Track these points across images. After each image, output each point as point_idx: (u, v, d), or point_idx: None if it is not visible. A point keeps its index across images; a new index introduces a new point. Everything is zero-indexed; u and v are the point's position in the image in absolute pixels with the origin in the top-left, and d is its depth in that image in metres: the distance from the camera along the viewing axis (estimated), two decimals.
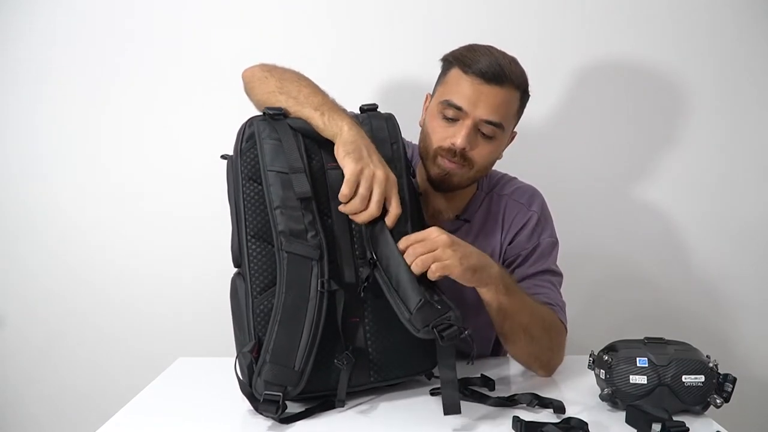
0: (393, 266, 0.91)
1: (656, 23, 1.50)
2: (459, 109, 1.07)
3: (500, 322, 1.03)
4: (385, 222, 0.93)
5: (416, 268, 0.89)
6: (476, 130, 1.08)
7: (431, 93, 1.18)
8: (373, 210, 0.92)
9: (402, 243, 0.92)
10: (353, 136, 0.94)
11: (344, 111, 1.01)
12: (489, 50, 1.10)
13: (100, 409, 1.03)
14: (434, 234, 0.92)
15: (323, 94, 1.03)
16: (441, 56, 1.15)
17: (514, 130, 1.18)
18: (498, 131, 1.10)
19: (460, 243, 0.93)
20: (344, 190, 0.91)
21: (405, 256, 0.90)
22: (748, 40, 1.51)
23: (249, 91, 1.09)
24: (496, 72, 1.06)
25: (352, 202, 0.91)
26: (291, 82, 1.04)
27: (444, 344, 0.86)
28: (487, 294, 0.99)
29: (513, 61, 1.10)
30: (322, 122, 0.97)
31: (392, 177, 0.94)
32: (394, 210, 0.93)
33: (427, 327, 0.86)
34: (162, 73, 1.52)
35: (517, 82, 1.09)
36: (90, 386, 1.58)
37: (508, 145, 1.18)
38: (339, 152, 0.94)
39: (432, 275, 0.89)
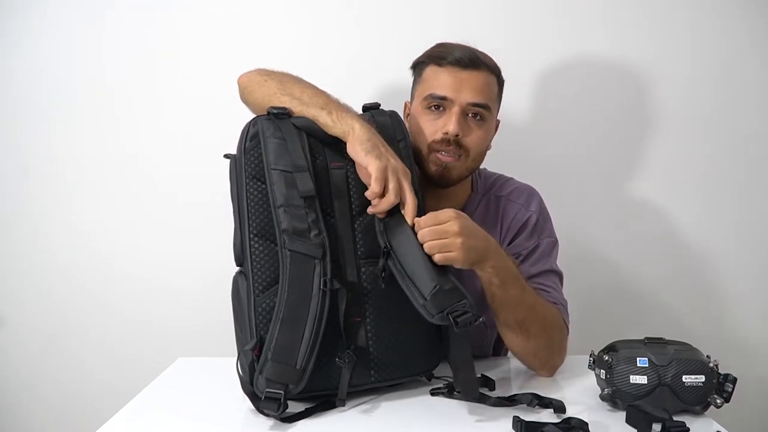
0: (408, 254, 0.92)
1: (655, 20, 1.50)
2: (444, 98, 1.09)
3: (496, 312, 1.04)
4: (400, 213, 0.95)
5: (431, 248, 0.92)
6: (465, 115, 1.10)
7: (409, 100, 1.19)
8: (391, 198, 0.93)
9: (416, 222, 0.93)
10: (367, 133, 0.96)
11: (350, 109, 1.02)
12: (457, 44, 1.13)
13: (100, 409, 1.03)
14: (446, 219, 0.93)
15: (327, 95, 1.04)
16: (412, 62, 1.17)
17: (498, 119, 1.19)
18: (486, 113, 1.11)
19: (469, 230, 0.95)
20: (374, 187, 0.93)
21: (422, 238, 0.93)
22: (747, 38, 1.51)
23: (247, 96, 1.08)
24: (471, 58, 1.09)
25: (386, 198, 0.93)
26: (292, 85, 1.05)
27: (458, 330, 0.87)
28: (482, 280, 1.01)
29: (482, 52, 1.13)
30: (331, 120, 0.98)
31: (407, 169, 0.97)
32: (410, 202, 0.94)
33: (442, 313, 0.88)
34: (164, 72, 1.51)
35: (491, 66, 1.13)
36: (90, 386, 1.58)
37: (494, 134, 1.19)
38: (356, 150, 0.95)
39: (436, 260, 0.92)
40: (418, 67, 1.16)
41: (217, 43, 1.51)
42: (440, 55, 1.10)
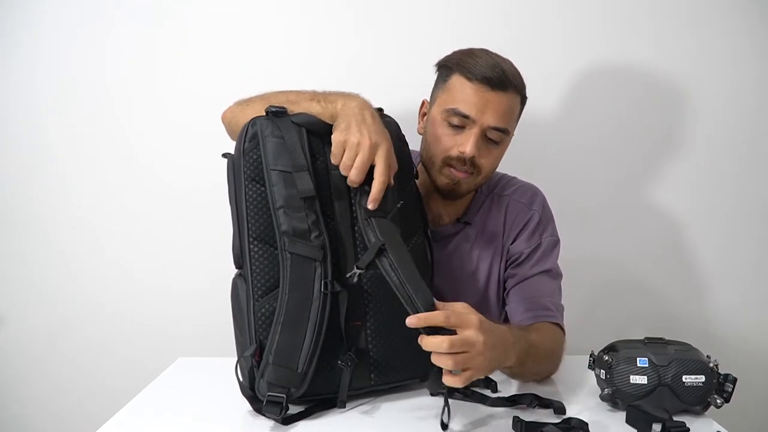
0: (403, 261, 0.86)
1: (656, 24, 1.50)
2: (466, 117, 1.07)
3: (511, 377, 1.06)
4: (386, 211, 0.92)
5: (447, 365, 0.79)
6: (483, 136, 1.08)
7: (428, 99, 1.17)
8: (353, 176, 0.91)
9: (438, 318, 0.80)
10: (345, 110, 0.96)
11: (342, 93, 1.01)
12: (487, 54, 1.09)
13: (100, 409, 1.03)
14: (469, 325, 0.81)
15: (312, 90, 1.03)
16: (436, 61, 1.15)
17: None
18: (504, 136, 1.10)
19: (489, 341, 0.82)
20: (333, 160, 0.93)
21: (437, 346, 0.79)
22: (745, 39, 1.51)
23: (234, 127, 1.05)
24: (500, 78, 1.06)
25: (349, 176, 0.92)
26: (275, 95, 1.05)
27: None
28: (500, 369, 0.99)
29: (511, 65, 1.10)
30: (321, 107, 0.98)
31: (383, 145, 0.92)
32: (375, 187, 0.90)
33: None
34: (164, 73, 1.51)
35: (518, 86, 1.10)
36: (90, 386, 1.58)
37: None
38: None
39: (457, 381, 0.81)
40: (444, 70, 1.12)
41: (217, 43, 1.50)
42: (469, 68, 1.06)
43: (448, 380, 0.81)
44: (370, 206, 0.91)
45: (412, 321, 0.80)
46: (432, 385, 0.84)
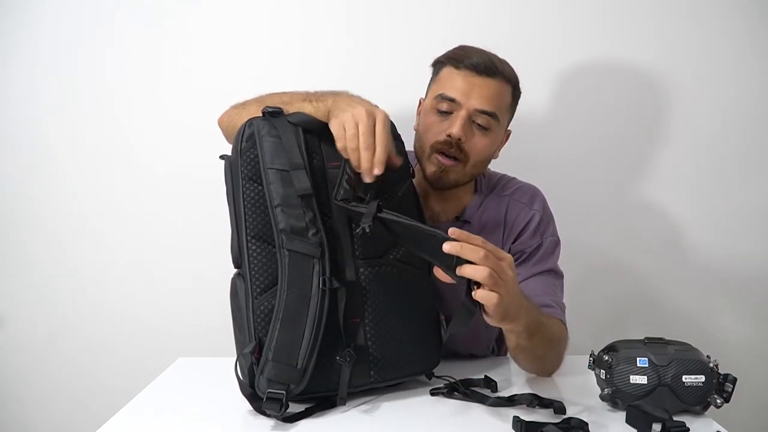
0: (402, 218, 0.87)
1: (656, 24, 1.50)
2: (452, 100, 1.09)
3: (515, 352, 1.05)
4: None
5: (483, 274, 0.77)
6: (471, 121, 1.10)
7: (423, 97, 1.19)
8: (363, 141, 0.88)
9: (477, 239, 0.79)
10: (336, 103, 0.97)
11: (332, 90, 1.02)
12: (479, 49, 1.12)
13: (100, 409, 1.03)
14: (504, 258, 0.81)
15: (304, 91, 1.05)
16: (433, 60, 1.16)
17: (509, 129, 1.19)
18: (493, 122, 1.10)
19: (514, 286, 0.83)
20: (337, 144, 0.91)
21: (472, 252, 0.77)
22: (745, 39, 1.50)
23: (231, 131, 1.05)
24: (488, 65, 1.09)
25: (350, 146, 0.89)
26: (270, 96, 1.07)
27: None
28: (508, 335, 0.98)
29: (503, 60, 1.13)
30: (313, 107, 0.99)
31: (380, 112, 0.92)
32: (378, 148, 0.89)
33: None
34: (162, 72, 1.52)
35: (508, 76, 1.12)
36: (90, 386, 1.58)
37: (503, 144, 1.19)
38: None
39: (479, 295, 0.78)
40: (436, 66, 1.16)
41: (217, 43, 1.50)
42: (458, 58, 1.10)
43: (481, 294, 0.77)
44: (376, 171, 0.89)
45: (454, 232, 0.78)
46: (460, 317, 0.80)
